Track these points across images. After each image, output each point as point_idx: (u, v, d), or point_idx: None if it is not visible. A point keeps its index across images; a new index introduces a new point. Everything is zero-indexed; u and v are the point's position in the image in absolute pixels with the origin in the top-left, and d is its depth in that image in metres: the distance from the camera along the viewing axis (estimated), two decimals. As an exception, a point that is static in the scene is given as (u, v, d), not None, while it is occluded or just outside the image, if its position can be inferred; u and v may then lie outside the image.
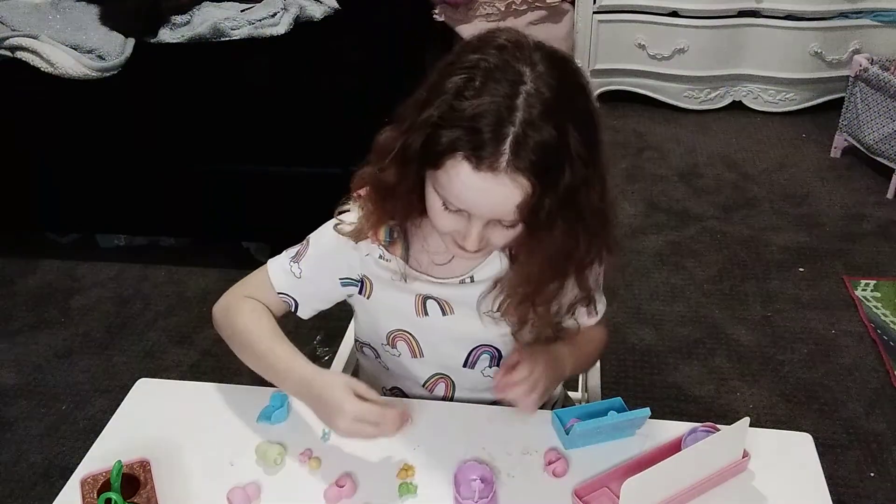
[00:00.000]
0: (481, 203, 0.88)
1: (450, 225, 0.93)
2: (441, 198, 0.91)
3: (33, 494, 1.83)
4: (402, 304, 1.08)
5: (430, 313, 1.08)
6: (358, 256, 1.07)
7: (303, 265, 1.08)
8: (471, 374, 1.12)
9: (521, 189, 0.85)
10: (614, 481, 0.91)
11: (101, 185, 2.45)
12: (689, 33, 3.15)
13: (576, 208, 0.90)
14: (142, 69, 2.29)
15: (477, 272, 1.05)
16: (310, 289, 1.09)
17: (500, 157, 0.83)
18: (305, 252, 1.09)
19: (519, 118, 0.83)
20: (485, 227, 0.91)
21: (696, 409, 1.96)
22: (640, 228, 2.67)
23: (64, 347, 2.26)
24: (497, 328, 1.08)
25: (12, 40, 2.25)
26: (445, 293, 1.07)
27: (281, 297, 1.09)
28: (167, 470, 0.97)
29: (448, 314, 1.08)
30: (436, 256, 1.06)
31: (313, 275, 1.08)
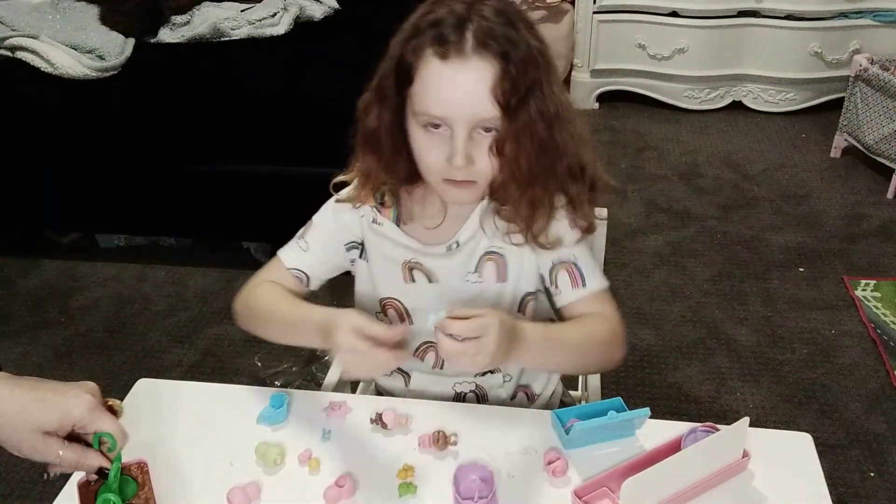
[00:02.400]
0: (458, 97, 0.94)
1: (436, 154, 0.98)
2: (421, 119, 0.96)
3: (33, 494, 1.82)
4: (392, 269, 1.12)
5: (417, 280, 1.12)
6: (356, 218, 1.12)
7: (308, 238, 1.14)
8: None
9: (490, 69, 0.92)
10: (614, 481, 0.91)
11: (101, 185, 2.45)
12: (689, 33, 3.15)
13: (545, 99, 0.97)
14: (142, 69, 2.29)
15: (461, 235, 1.08)
16: (317, 258, 1.14)
17: (464, 43, 0.92)
18: (310, 227, 1.15)
19: (476, 17, 0.94)
20: (469, 140, 0.95)
21: (696, 409, 1.96)
22: (640, 228, 2.67)
23: (64, 347, 2.26)
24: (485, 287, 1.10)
25: (12, 40, 2.26)
26: (432, 263, 1.10)
27: (292, 272, 1.13)
28: (167, 470, 0.97)
29: (434, 282, 1.11)
30: (427, 221, 1.10)
31: (319, 245, 1.14)
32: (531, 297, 1.12)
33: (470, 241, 1.09)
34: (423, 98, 0.95)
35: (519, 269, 1.10)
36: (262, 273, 1.16)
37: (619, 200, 2.82)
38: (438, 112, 0.95)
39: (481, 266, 1.10)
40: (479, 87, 0.93)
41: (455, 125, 0.95)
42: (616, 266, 2.48)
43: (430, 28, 0.94)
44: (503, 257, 1.09)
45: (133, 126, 2.34)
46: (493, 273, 1.10)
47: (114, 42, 2.29)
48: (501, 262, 1.09)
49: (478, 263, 1.09)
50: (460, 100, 0.94)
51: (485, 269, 1.10)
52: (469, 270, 1.10)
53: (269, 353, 2.14)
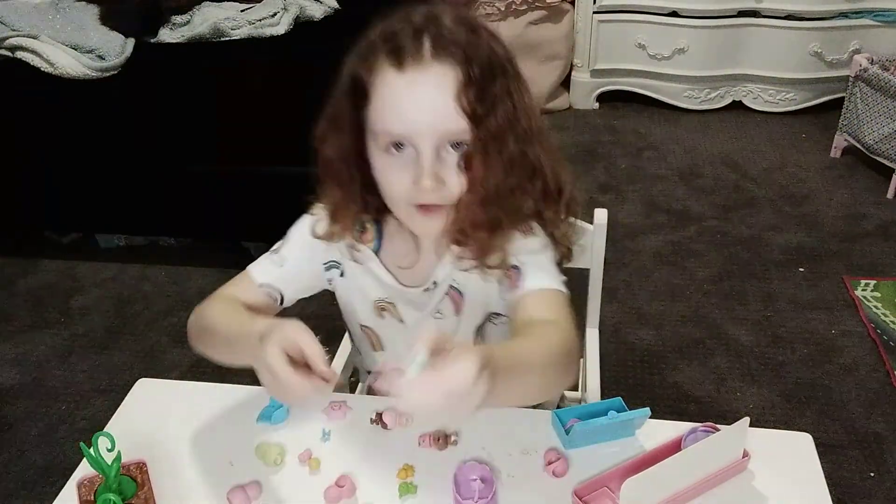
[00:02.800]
0: (419, 110, 0.86)
1: (400, 176, 0.90)
2: (381, 141, 0.89)
3: (33, 494, 1.83)
4: (364, 302, 1.09)
5: (386, 319, 1.10)
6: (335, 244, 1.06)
7: (284, 252, 1.06)
8: None
9: (453, 75, 0.85)
10: (614, 481, 0.91)
11: (101, 185, 2.45)
12: (689, 33, 3.15)
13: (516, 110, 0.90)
14: (142, 69, 2.29)
15: (437, 274, 1.03)
16: (292, 275, 1.06)
17: (421, 50, 0.85)
18: (286, 242, 1.07)
19: (434, 25, 0.87)
20: (436, 160, 0.88)
21: (696, 409, 1.96)
22: (640, 228, 2.67)
23: (64, 347, 2.26)
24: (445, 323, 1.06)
25: (12, 40, 2.26)
26: (404, 306, 1.07)
27: (263, 289, 1.05)
28: (167, 470, 0.97)
29: (403, 322, 1.08)
30: (400, 259, 1.05)
31: (295, 261, 1.06)
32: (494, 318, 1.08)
33: (444, 281, 1.04)
34: (382, 115, 0.88)
35: (475, 298, 1.05)
36: (227, 287, 1.06)
37: (619, 200, 2.82)
38: (399, 129, 0.87)
39: (443, 301, 1.06)
40: (442, 95, 0.85)
41: (419, 142, 0.87)
42: (616, 266, 2.47)
43: (385, 41, 0.87)
44: (459, 291, 1.05)
45: (133, 126, 2.34)
46: (450, 307, 1.07)
47: (114, 42, 2.29)
48: (457, 295, 1.05)
49: (441, 299, 1.06)
50: (422, 112, 0.86)
51: (444, 304, 1.06)
52: (436, 309, 1.07)
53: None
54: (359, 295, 1.09)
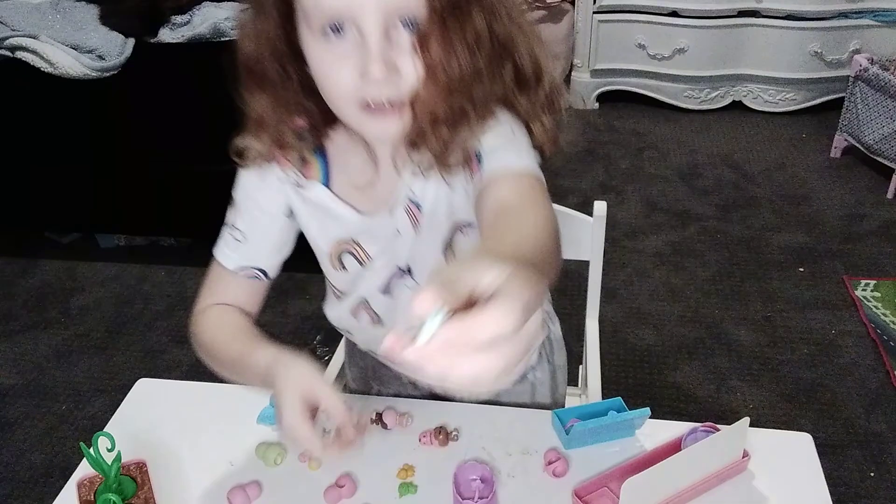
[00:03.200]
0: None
1: (341, 67, 0.73)
2: (315, 23, 0.72)
3: (33, 494, 1.83)
4: (323, 246, 0.96)
5: (348, 266, 0.96)
6: (275, 182, 0.91)
7: (240, 225, 0.94)
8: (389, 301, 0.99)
9: None
10: (614, 481, 0.91)
11: (101, 185, 2.45)
12: (689, 33, 3.15)
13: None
14: (142, 69, 2.29)
15: (402, 191, 0.88)
16: (260, 244, 0.95)
17: None
18: (235, 210, 0.95)
19: None
20: (385, 41, 0.71)
21: (696, 409, 1.96)
22: (640, 228, 2.67)
23: (64, 347, 2.26)
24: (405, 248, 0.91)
25: (12, 40, 2.25)
26: (370, 239, 0.92)
27: (241, 274, 0.96)
28: (167, 470, 0.97)
29: (365, 262, 0.95)
30: (357, 177, 0.89)
31: (256, 226, 0.94)
32: (457, 236, 0.91)
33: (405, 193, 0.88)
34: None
35: (436, 208, 0.88)
36: (208, 286, 0.99)
37: (619, 200, 2.82)
38: (336, 2, 0.70)
39: (402, 219, 0.90)
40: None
41: (363, 20, 0.70)
42: (616, 266, 2.47)
43: None
44: (417, 204, 0.88)
45: (133, 126, 2.34)
46: (407, 223, 0.90)
47: (114, 42, 2.28)
48: (414, 208, 0.88)
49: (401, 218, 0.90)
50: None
51: (401, 221, 0.90)
52: (396, 228, 0.90)
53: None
54: (316, 242, 0.96)
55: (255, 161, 0.89)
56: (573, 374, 1.44)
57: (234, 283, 0.97)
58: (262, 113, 0.83)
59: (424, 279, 0.92)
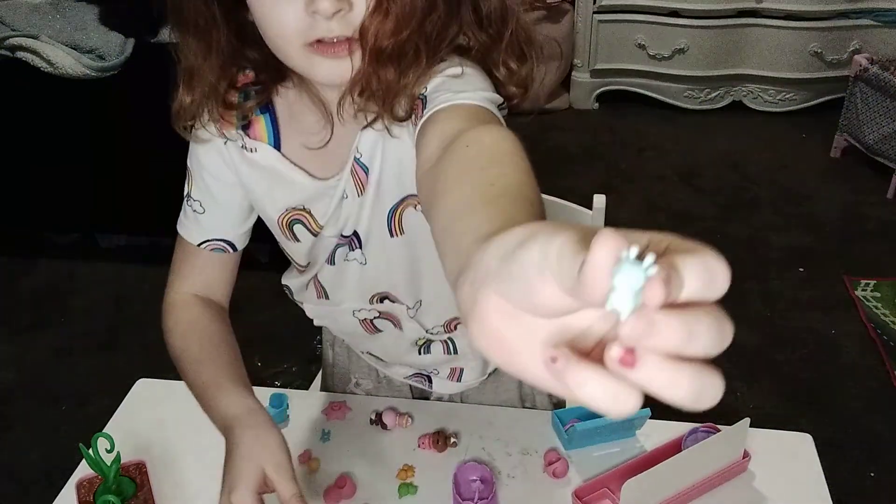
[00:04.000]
0: None
1: (286, 5, 0.66)
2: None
3: (33, 494, 1.82)
4: (269, 212, 0.89)
5: (300, 237, 0.90)
6: (219, 147, 0.84)
7: (196, 195, 0.88)
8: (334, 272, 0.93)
9: None
10: (614, 482, 0.91)
11: (101, 185, 2.45)
12: (689, 33, 3.15)
13: None
14: (142, 69, 2.29)
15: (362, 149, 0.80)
16: (221, 214, 0.89)
17: None
18: (190, 180, 0.89)
19: None
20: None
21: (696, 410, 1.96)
22: (640, 228, 2.66)
23: (64, 347, 2.26)
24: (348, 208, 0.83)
25: (12, 40, 2.25)
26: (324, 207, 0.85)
27: (207, 246, 0.90)
28: (167, 470, 0.97)
29: (316, 232, 0.88)
30: (310, 137, 0.81)
31: (211, 194, 0.88)
32: (404, 205, 0.83)
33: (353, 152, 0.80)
34: None
35: (386, 172, 0.80)
36: (176, 265, 0.94)
37: (619, 200, 2.82)
38: None
39: (348, 183, 0.82)
40: None
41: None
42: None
43: None
44: (363, 166, 0.81)
45: (133, 126, 2.33)
46: (352, 185, 0.82)
47: (114, 42, 2.29)
48: (360, 170, 0.81)
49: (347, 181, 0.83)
50: None
51: (348, 183, 0.82)
52: (341, 191, 0.83)
53: (269, 353, 2.14)
54: (264, 209, 0.89)
55: (185, 118, 0.82)
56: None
57: (200, 260, 0.91)
58: (192, 62, 0.76)
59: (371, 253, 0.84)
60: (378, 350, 1.06)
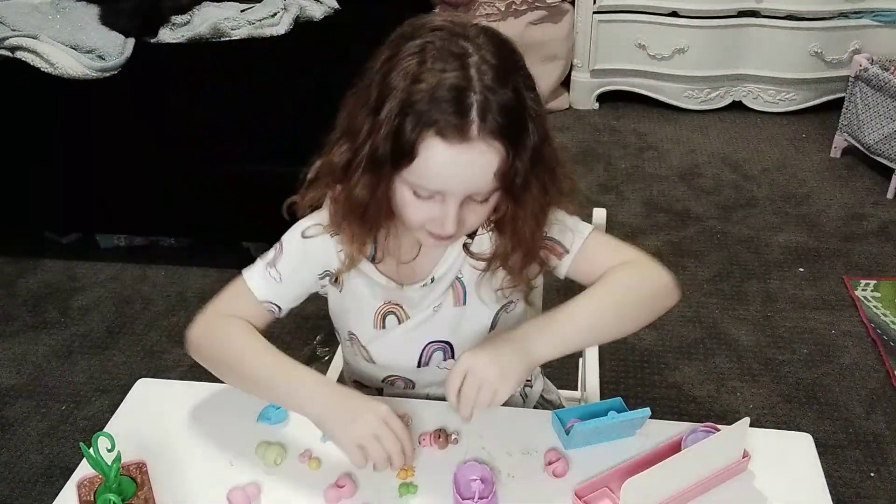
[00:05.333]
0: (459, 178, 0.88)
1: (423, 214, 0.92)
2: (412, 187, 0.90)
3: (33, 494, 1.82)
4: (365, 312, 1.09)
5: (388, 325, 1.09)
6: (331, 250, 1.05)
7: (280, 268, 1.06)
8: (426, 371, 1.13)
9: (496, 153, 0.86)
10: (614, 481, 0.91)
11: (101, 185, 2.45)
12: (689, 33, 3.15)
13: (544, 164, 0.93)
14: (142, 69, 2.29)
15: (438, 270, 1.05)
16: (289, 288, 1.07)
17: (470, 126, 0.84)
18: (281, 255, 1.06)
19: (477, 86, 0.85)
20: (460, 208, 0.90)
21: (696, 409, 1.96)
22: (640, 228, 2.67)
23: (64, 347, 2.26)
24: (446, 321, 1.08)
25: (12, 40, 2.26)
26: (407, 303, 1.07)
27: (265, 305, 1.06)
28: (167, 470, 0.97)
29: (403, 321, 1.08)
30: (403, 255, 1.05)
31: (291, 274, 1.06)
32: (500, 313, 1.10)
33: (446, 275, 1.06)
34: (422, 175, 0.88)
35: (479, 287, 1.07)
36: (227, 301, 1.07)
37: (619, 200, 2.82)
38: (437, 188, 0.89)
39: (445, 294, 1.07)
40: (484, 171, 0.87)
41: (449, 198, 0.90)
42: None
43: (431, 104, 0.84)
44: (462, 283, 1.07)
45: (133, 126, 2.34)
46: (450, 297, 1.07)
47: (114, 42, 2.29)
48: (459, 286, 1.07)
49: (443, 293, 1.07)
50: (461, 181, 0.88)
51: (446, 297, 1.08)
52: (435, 302, 1.07)
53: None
54: (358, 303, 1.09)
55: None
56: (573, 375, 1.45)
57: (252, 308, 1.06)
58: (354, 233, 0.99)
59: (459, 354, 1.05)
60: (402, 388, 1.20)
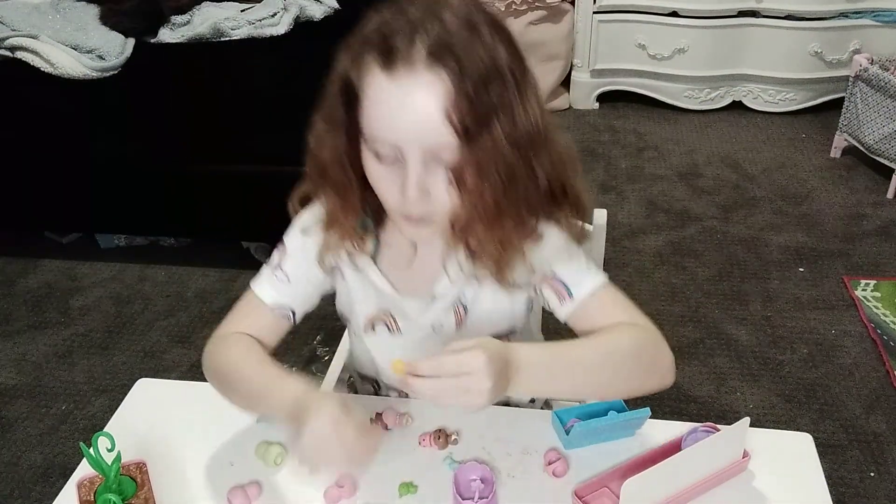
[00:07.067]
0: (406, 119, 0.80)
1: (389, 184, 0.86)
2: (372, 147, 0.84)
3: (33, 494, 1.83)
4: (356, 312, 1.07)
5: (378, 332, 1.07)
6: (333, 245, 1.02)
7: (286, 268, 1.03)
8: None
9: (444, 86, 0.78)
10: (614, 481, 0.91)
11: (101, 185, 2.45)
12: (689, 33, 3.15)
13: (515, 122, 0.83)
14: (142, 69, 2.29)
15: (437, 287, 1.00)
16: (301, 289, 1.04)
17: (413, 53, 0.79)
18: (285, 255, 1.04)
19: (432, 23, 0.80)
20: (423, 170, 0.83)
21: (696, 409, 1.96)
22: (640, 228, 2.67)
23: (64, 347, 2.26)
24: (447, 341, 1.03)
25: (12, 40, 2.25)
26: (402, 316, 1.04)
27: (277, 311, 1.04)
28: (167, 470, 0.97)
29: (394, 332, 1.05)
30: (399, 260, 1.02)
31: (300, 273, 1.03)
32: (511, 336, 1.05)
33: (447, 294, 1.01)
34: (371, 120, 0.83)
35: (481, 316, 1.03)
36: (238, 314, 1.04)
37: (619, 200, 2.82)
38: (386, 136, 0.82)
39: (446, 315, 1.03)
40: (431, 107, 0.79)
41: (407, 152, 0.82)
42: (616, 266, 2.47)
43: (379, 38, 0.81)
44: (465, 307, 1.02)
45: (133, 126, 2.33)
46: (452, 321, 1.03)
47: (114, 42, 2.28)
48: (461, 310, 1.03)
49: (444, 313, 1.03)
50: (410, 122, 0.80)
51: (447, 318, 1.03)
52: (437, 321, 1.03)
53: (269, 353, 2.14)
54: (356, 305, 1.07)
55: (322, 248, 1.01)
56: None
57: (265, 317, 1.03)
58: (332, 208, 0.96)
59: None
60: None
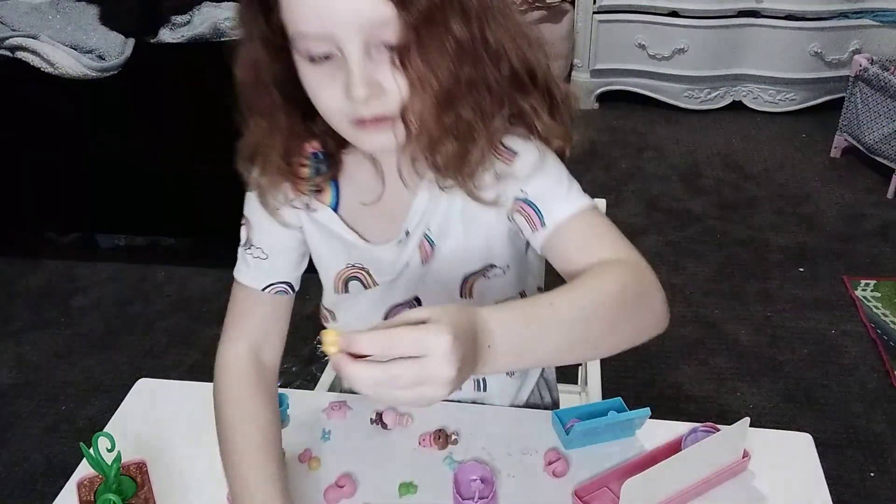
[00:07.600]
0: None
1: (330, 89, 0.73)
2: (301, 48, 0.72)
3: (33, 494, 1.83)
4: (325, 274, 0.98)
5: (352, 291, 0.97)
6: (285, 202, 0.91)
7: (258, 243, 0.95)
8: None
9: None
10: (614, 481, 0.91)
11: (101, 185, 2.45)
12: (689, 33, 3.15)
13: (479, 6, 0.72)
14: (142, 69, 2.29)
15: (410, 222, 0.89)
16: (283, 259, 0.95)
17: None
18: (251, 229, 0.96)
19: None
20: (367, 61, 0.71)
21: (696, 409, 1.96)
22: (640, 228, 2.67)
23: (64, 347, 2.26)
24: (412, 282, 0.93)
25: (12, 40, 2.25)
26: (376, 265, 0.93)
27: (271, 290, 0.95)
28: (167, 470, 0.97)
29: (370, 287, 0.96)
30: (363, 193, 0.89)
31: (276, 241, 0.95)
32: (475, 277, 0.93)
33: (417, 228, 0.89)
34: (295, 15, 0.71)
35: (448, 253, 0.90)
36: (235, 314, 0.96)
37: (619, 200, 2.82)
38: (316, 28, 0.70)
39: (414, 251, 0.91)
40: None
41: (343, 42, 0.70)
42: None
43: None
44: (431, 242, 0.90)
45: (133, 126, 2.34)
46: (417, 255, 0.91)
47: (114, 42, 2.28)
48: (427, 245, 0.91)
49: (414, 249, 0.91)
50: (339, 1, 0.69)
51: (413, 255, 0.92)
52: (403, 261, 0.92)
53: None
54: (324, 262, 0.97)
55: (260, 193, 0.90)
56: (573, 374, 1.45)
57: (262, 306, 0.96)
58: (256, 139, 0.84)
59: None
60: None
